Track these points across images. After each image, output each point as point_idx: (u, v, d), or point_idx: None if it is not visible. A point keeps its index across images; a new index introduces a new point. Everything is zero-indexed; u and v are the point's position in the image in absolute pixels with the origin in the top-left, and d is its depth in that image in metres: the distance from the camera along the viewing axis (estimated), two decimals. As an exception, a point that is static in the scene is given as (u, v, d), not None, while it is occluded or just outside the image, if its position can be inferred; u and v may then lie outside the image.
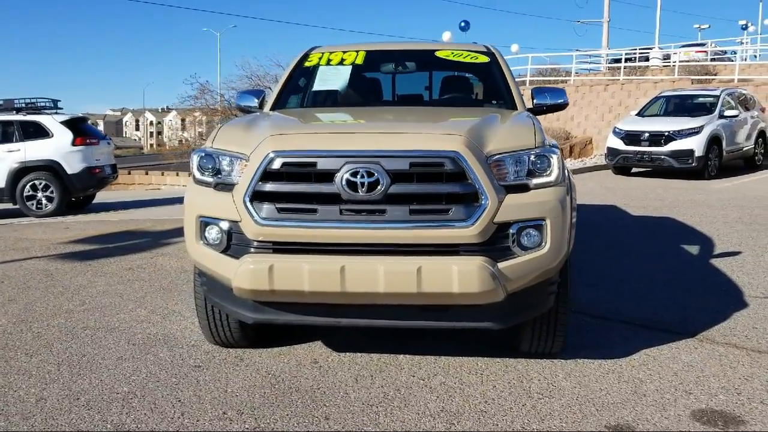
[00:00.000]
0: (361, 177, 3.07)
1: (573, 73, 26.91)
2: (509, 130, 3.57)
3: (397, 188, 3.09)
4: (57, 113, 12.51)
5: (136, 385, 3.44)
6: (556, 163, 3.30)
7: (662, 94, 16.39)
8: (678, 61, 24.75)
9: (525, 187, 3.23)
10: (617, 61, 27.68)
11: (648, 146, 13.99)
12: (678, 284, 5.39)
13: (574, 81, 25.29)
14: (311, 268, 3.09)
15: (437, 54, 5.15)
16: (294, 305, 3.33)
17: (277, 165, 3.16)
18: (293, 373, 3.57)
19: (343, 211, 3.12)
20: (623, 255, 6.52)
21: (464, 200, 3.10)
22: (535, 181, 3.25)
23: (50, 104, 12.64)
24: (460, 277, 3.03)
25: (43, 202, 11.84)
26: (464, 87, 5.16)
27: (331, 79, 5.08)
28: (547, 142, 3.42)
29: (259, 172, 3.16)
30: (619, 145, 14.48)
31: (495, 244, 3.14)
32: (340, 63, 5.02)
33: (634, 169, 15.00)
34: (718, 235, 7.50)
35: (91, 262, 6.52)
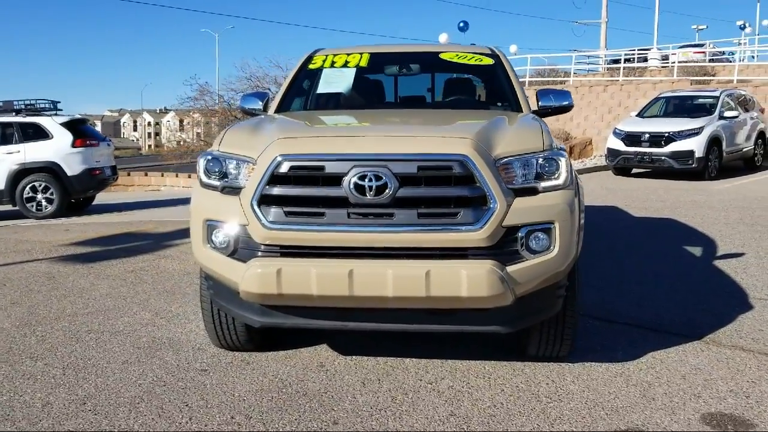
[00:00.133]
0: (369, 180, 3.06)
1: (572, 74, 26.93)
2: (517, 133, 3.56)
3: (405, 192, 3.08)
4: (56, 114, 12.48)
5: (143, 389, 3.43)
6: (564, 166, 3.29)
7: (662, 95, 16.40)
8: (677, 62, 24.77)
9: (533, 191, 3.22)
10: (616, 61, 27.71)
11: (648, 147, 14.00)
12: (682, 286, 5.38)
13: (572, 82, 25.31)
14: (319, 272, 3.08)
15: (442, 56, 5.12)
16: (301, 309, 3.31)
17: (284, 168, 3.15)
18: (300, 377, 3.56)
19: (350, 215, 3.11)
20: (626, 256, 6.52)
21: (472, 204, 3.09)
22: (544, 184, 3.24)
23: (50, 105, 12.61)
24: (469, 281, 3.01)
25: (43, 203, 11.82)
26: (469, 89, 5.15)
27: (335, 82, 5.08)
28: (555, 145, 3.41)
29: (267, 175, 3.15)
30: (619, 146, 14.49)
31: (503, 247, 3.13)
32: (344, 65, 5.01)
33: (634, 170, 15.01)
34: (721, 236, 7.50)
35: (93, 265, 6.50)
